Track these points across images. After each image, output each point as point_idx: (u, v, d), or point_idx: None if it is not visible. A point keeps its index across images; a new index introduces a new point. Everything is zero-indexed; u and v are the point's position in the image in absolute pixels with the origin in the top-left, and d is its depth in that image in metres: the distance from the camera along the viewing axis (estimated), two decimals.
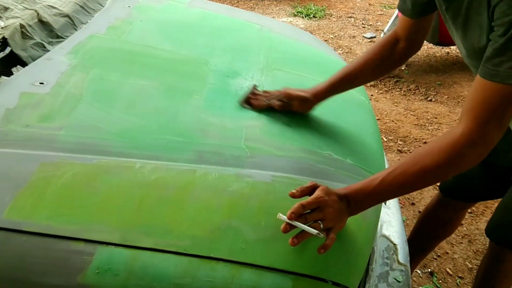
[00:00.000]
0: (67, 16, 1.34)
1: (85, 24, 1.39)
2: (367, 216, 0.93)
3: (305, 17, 4.59)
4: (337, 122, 1.19)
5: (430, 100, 3.07)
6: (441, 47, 3.74)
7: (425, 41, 3.74)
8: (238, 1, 5.06)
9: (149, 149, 0.92)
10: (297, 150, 1.02)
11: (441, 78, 3.34)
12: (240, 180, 0.90)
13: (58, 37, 1.27)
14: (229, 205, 0.84)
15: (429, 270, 1.81)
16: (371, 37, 4.08)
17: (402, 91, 3.18)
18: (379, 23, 4.51)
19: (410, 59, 3.68)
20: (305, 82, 1.30)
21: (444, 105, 3.01)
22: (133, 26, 1.41)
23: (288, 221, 0.77)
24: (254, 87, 1.19)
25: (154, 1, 1.68)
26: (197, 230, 0.79)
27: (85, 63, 1.15)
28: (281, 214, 0.78)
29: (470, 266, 1.81)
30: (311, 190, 0.84)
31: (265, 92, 1.18)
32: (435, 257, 1.86)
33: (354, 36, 4.14)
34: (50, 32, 1.27)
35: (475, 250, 1.89)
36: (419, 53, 3.66)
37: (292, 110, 1.14)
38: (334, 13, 4.75)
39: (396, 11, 3.22)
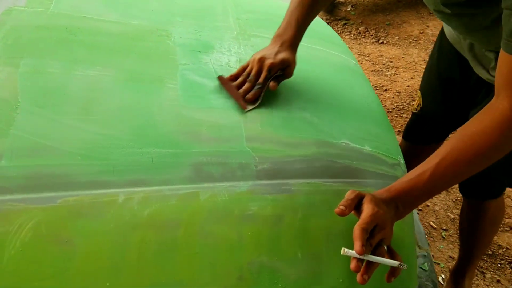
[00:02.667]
0: None
1: None
2: None
3: None
4: (338, 97, 1.01)
5: (382, 43, 2.96)
6: None
7: None
8: None
9: (130, 172, 0.68)
10: (310, 144, 0.83)
11: (389, 18, 3.23)
12: (257, 198, 0.70)
13: None
14: (253, 237, 0.65)
15: None
16: None
17: (352, 35, 3.04)
18: None
19: None
20: None
21: (396, 47, 2.92)
22: None
23: (358, 256, 0.59)
24: (222, 78, 0.91)
25: None
26: (224, 280, 0.60)
27: (11, 52, 0.84)
28: (346, 249, 0.60)
29: (452, 216, 1.80)
30: (357, 201, 0.67)
31: (233, 76, 0.92)
32: (417, 211, 1.82)
33: None
34: None
35: (453, 200, 1.87)
36: None
37: (286, 79, 0.94)
38: None
39: None
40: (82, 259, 0.58)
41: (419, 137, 1.40)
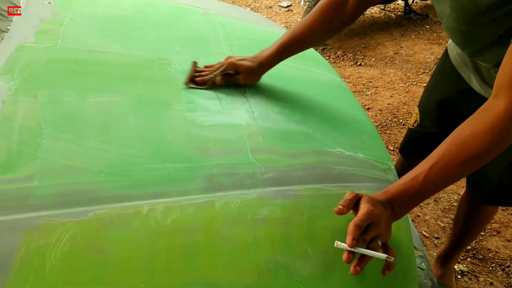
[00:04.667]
0: None
1: (6, 32, 1.12)
2: None
3: None
4: (329, 110, 1.10)
5: (360, 65, 3.11)
6: None
7: None
8: None
9: (151, 185, 0.75)
10: (308, 153, 0.91)
11: (365, 41, 3.40)
12: (267, 203, 0.77)
13: None
14: (267, 238, 0.72)
15: None
16: (288, 6, 4.02)
17: (331, 59, 3.18)
18: None
19: None
20: (282, 70, 1.18)
21: (374, 68, 3.07)
22: (66, 27, 1.17)
23: (350, 249, 0.66)
24: (195, 64, 1.10)
25: None
26: (245, 277, 0.66)
27: (28, 84, 0.91)
28: (339, 242, 0.67)
29: (442, 225, 1.88)
30: (355, 202, 0.75)
31: (206, 66, 1.10)
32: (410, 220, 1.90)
33: (270, 7, 4.05)
34: None
35: (442, 209, 1.96)
36: None
37: (237, 83, 1.06)
38: None
39: None
40: (117, 265, 0.63)
41: (415, 152, 1.45)
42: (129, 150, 0.81)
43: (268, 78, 1.14)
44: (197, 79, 1.04)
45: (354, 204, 0.75)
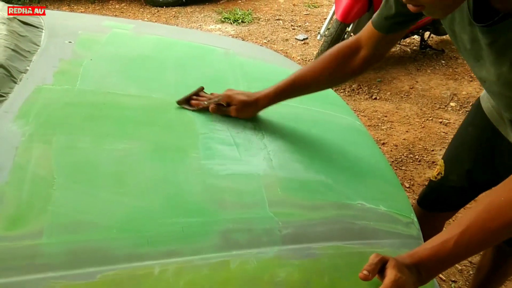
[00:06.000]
0: (2, 66, 1.06)
1: (24, 73, 1.12)
2: None
3: (234, 23, 4.44)
4: (348, 158, 1.06)
5: (375, 98, 3.08)
6: None
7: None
8: (159, 11, 4.77)
9: (163, 243, 0.72)
10: (328, 206, 0.87)
11: (380, 75, 3.38)
12: (284, 264, 0.73)
13: None
14: None
15: None
16: (304, 39, 4.05)
17: (346, 92, 3.16)
18: (307, 23, 4.49)
19: None
20: (301, 113, 1.17)
21: (389, 102, 3.03)
22: (85, 68, 1.17)
23: None
24: (201, 89, 1.13)
25: (95, 32, 1.44)
26: None
27: (43, 129, 0.90)
28: None
29: (460, 268, 1.81)
30: (380, 266, 0.70)
31: (213, 94, 1.12)
32: None
33: (287, 39, 4.07)
34: None
35: None
36: None
37: (229, 114, 1.07)
38: (262, 17, 4.65)
39: (331, 12, 3.19)
40: None
41: (435, 205, 1.38)
42: (143, 203, 0.78)
43: (287, 121, 1.12)
44: (192, 102, 1.08)
45: (380, 267, 0.71)
